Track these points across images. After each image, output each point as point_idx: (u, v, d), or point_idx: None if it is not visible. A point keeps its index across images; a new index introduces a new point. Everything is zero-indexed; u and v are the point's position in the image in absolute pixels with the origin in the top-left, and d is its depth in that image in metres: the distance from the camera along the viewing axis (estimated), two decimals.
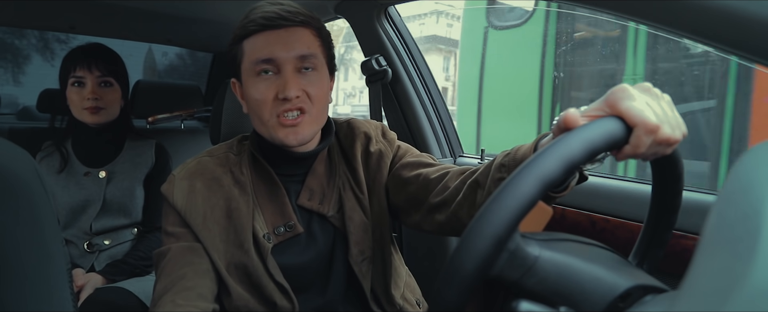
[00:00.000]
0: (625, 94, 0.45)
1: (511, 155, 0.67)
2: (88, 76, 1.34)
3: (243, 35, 0.80)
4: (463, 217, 0.74)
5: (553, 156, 0.39)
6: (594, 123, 0.43)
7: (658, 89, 0.48)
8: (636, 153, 0.45)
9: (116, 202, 1.37)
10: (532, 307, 0.40)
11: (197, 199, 0.83)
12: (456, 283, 0.37)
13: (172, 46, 2.43)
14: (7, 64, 2.82)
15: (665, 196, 0.56)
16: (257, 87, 0.79)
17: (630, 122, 0.44)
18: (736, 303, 0.25)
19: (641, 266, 0.58)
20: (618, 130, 0.43)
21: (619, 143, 0.44)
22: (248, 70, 0.80)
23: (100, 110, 1.35)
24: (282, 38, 0.78)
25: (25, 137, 1.51)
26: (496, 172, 0.67)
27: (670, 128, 0.46)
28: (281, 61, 0.78)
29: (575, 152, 0.39)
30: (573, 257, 0.43)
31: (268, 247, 0.83)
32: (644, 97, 0.46)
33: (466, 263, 0.37)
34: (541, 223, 0.59)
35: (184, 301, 0.74)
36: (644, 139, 0.44)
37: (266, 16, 0.78)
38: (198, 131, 2.01)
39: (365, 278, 0.88)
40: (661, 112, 0.46)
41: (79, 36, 1.96)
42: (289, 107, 0.78)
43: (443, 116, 1.52)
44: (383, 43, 1.46)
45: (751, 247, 0.27)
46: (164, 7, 1.54)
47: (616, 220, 1.04)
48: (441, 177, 0.80)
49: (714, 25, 0.66)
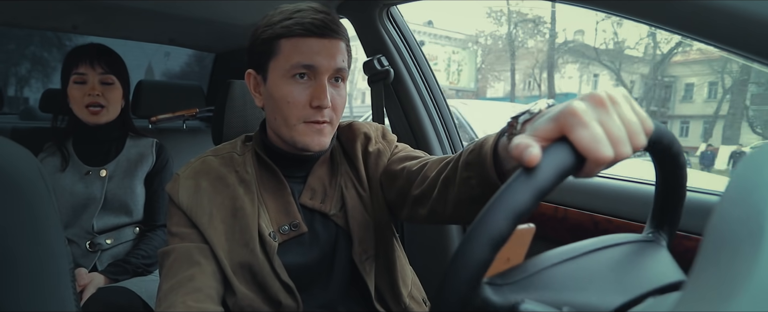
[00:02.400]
0: (575, 119, 0.40)
1: (476, 152, 0.65)
2: (90, 73, 1.36)
3: (284, 34, 0.80)
4: (440, 212, 0.74)
5: (501, 212, 0.37)
6: (543, 164, 0.39)
7: (615, 90, 0.44)
8: (590, 177, 0.42)
9: (117, 199, 1.38)
10: (534, 307, 0.40)
11: (203, 198, 0.83)
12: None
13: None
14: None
15: (668, 190, 0.54)
16: (291, 89, 0.80)
17: (582, 154, 0.39)
18: (739, 304, 0.25)
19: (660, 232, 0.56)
20: (569, 164, 0.39)
21: (572, 173, 0.41)
22: (282, 70, 0.80)
23: (101, 109, 1.37)
24: (325, 48, 0.80)
25: (28, 137, 1.52)
26: (463, 170, 0.67)
27: (628, 144, 0.41)
28: (321, 70, 0.80)
29: (524, 203, 0.37)
30: (551, 292, 0.42)
31: (274, 246, 0.83)
32: (597, 115, 0.40)
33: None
34: (524, 245, 0.58)
35: (195, 303, 0.74)
36: (597, 169, 0.41)
37: (315, 23, 0.79)
38: (200, 131, 2.01)
39: (369, 276, 0.88)
40: (618, 129, 0.41)
41: (78, 37, 1.97)
42: (320, 116, 0.80)
43: (445, 116, 1.52)
44: (385, 43, 1.46)
45: (755, 248, 0.27)
46: (167, 7, 1.55)
47: (618, 220, 1.04)
48: (420, 168, 0.81)
49: (714, 24, 0.66)
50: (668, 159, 0.49)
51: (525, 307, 0.40)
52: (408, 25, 1.51)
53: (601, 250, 0.48)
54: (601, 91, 0.43)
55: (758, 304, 0.25)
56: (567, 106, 0.41)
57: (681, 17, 0.70)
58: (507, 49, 14.78)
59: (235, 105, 1.18)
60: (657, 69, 11.50)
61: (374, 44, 1.48)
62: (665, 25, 0.74)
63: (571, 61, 13.55)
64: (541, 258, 0.46)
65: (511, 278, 0.44)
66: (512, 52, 14.55)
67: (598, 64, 12.56)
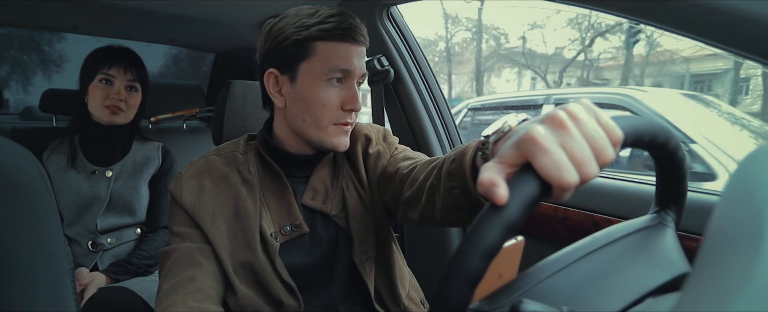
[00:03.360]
0: (535, 147, 0.38)
1: (457, 162, 0.65)
2: (119, 77, 1.38)
3: (322, 37, 0.80)
4: (429, 217, 0.76)
5: (472, 251, 0.37)
6: (510, 200, 0.38)
7: (577, 105, 0.41)
8: (560, 200, 0.41)
9: (122, 200, 1.38)
10: (536, 307, 0.40)
11: (206, 197, 0.83)
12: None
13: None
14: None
15: (669, 186, 0.54)
16: (327, 92, 0.81)
17: (546, 180, 0.38)
18: (740, 304, 0.25)
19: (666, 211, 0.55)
20: (535, 193, 0.39)
21: (542, 198, 0.40)
22: (318, 72, 0.81)
23: (120, 112, 1.39)
24: (358, 53, 0.83)
25: (29, 137, 1.52)
26: (446, 180, 0.68)
27: (594, 164, 0.40)
28: (354, 74, 0.83)
29: (493, 239, 0.37)
30: (542, 307, 0.41)
31: (276, 246, 0.83)
32: (558, 138, 0.39)
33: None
34: (516, 260, 0.58)
35: (196, 303, 0.74)
36: (564, 194, 0.39)
37: (350, 28, 0.80)
38: (200, 131, 2.01)
39: (369, 277, 0.89)
40: (580, 150, 0.39)
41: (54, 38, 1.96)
42: (349, 118, 0.84)
43: (445, 117, 1.52)
44: (385, 44, 1.46)
45: (755, 248, 0.27)
46: (167, 7, 1.55)
47: (619, 220, 1.04)
48: (411, 171, 0.82)
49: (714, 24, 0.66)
50: (666, 156, 0.49)
51: (525, 307, 0.40)
52: (408, 25, 1.51)
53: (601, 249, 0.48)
54: (561, 110, 0.41)
55: (759, 304, 0.25)
56: (527, 132, 0.39)
57: (681, 17, 0.70)
58: (449, 53, 15.26)
59: (236, 105, 1.18)
60: (589, 72, 12.05)
61: (374, 44, 1.48)
62: (665, 25, 0.74)
63: (509, 65, 14.24)
64: (535, 271, 0.45)
65: (498, 303, 0.43)
66: (448, 57, 15.02)
67: (533, 69, 13.07)
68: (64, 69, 2.89)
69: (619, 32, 10.27)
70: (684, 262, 0.47)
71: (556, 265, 0.45)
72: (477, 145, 0.62)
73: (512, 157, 0.40)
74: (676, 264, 0.47)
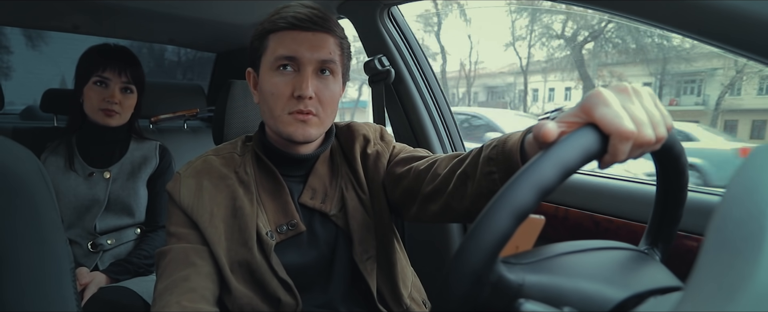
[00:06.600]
0: (599, 99, 0.42)
1: (499, 148, 0.65)
2: (114, 79, 1.36)
3: (271, 29, 0.83)
4: (456, 207, 0.74)
5: (525, 185, 0.37)
6: (567, 140, 0.40)
7: (638, 84, 0.46)
8: (616, 161, 0.43)
9: (120, 201, 1.38)
10: (536, 307, 0.40)
11: (204, 197, 0.84)
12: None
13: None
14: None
15: (669, 191, 0.55)
16: (274, 81, 0.82)
17: (605, 131, 0.41)
18: (741, 304, 0.25)
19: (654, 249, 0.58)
20: (593, 144, 0.41)
21: (597, 155, 0.41)
22: (269, 63, 0.83)
23: (115, 115, 1.37)
24: (309, 40, 0.81)
25: (29, 137, 1.52)
26: (484, 165, 0.67)
27: (651, 128, 0.44)
28: (303, 61, 0.81)
29: (549, 178, 0.37)
30: (560, 277, 0.42)
31: (271, 244, 0.83)
32: (620, 99, 0.43)
33: (449, 305, 0.37)
34: (533, 235, 0.59)
35: (190, 303, 0.74)
36: (622, 147, 0.42)
37: (298, 17, 0.81)
38: (201, 131, 2.01)
39: (371, 276, 0.88)
40: (640, 113, 0.43)
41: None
42: (303, 106, 0.81)
43: (446, 116, 1.52)
44: (386, 44, 1.46)
45: (756, 248, 0.27)
46: (167, 7, 1.55)
47: (619, 220, 1.04)
48: (430, 166, 0.81)
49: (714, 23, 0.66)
50: (671, 161, 0.50)
51: (526, 308, 0.40)
52: (408, 25, 1.51)
53: (604, 250, 0.49)
54: (626, 83, 0.45)
55: (760, 304, 0.25)
56: (592, 91, 0.44)
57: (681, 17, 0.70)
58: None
59: (236, 105, 1.18)
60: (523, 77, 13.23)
61: (375, 44, 1.48)
62: (665, 25, 0.74)
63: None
64: (550, 247, 0.47)
65: (524, 259, 0.45)
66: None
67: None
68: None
69: None
70: (677, 281, 0.48)
71: (569, 248, 0.48)
72: (527, 129, 0.62)
73: (573, 114, 0.44)
74: (670, 279, 0.48)
